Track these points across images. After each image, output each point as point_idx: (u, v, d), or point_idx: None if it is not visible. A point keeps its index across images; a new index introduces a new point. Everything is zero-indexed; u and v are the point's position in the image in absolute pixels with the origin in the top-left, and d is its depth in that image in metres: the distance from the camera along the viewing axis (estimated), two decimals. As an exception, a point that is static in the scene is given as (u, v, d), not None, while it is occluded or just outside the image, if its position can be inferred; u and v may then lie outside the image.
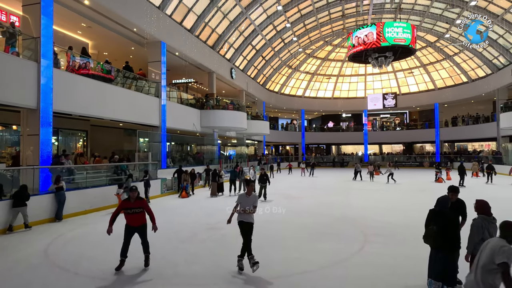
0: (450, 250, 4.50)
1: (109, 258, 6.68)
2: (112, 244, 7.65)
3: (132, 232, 6.17)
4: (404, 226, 9.16)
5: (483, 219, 4.37)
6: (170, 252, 7.18)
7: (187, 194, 15.73)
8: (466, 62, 34.55)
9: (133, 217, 6.10)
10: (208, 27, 23.47)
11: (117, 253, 6.26)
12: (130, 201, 6.14)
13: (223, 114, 24.04)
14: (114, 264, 6.17)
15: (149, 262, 6.27)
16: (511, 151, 27.95)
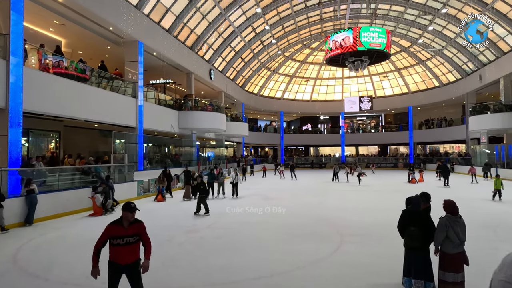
0: (427, 248, 4.73)
1: (82, 263, 6.48)
2: (85, 248, 7.43)
3: (120, 272, 4.08)
4: (379, 225, 9.40)
5: (449, 218, 4.59)
6: (147, 255, 7.04)
7: (163, 197, 15.23)
8: (438, 67, 35.93)
9: (124, 250, 4.03)
10: (186, 28, 23.26)
11: (90, 258, 6.07)
12: (123, 226, 4.02)
13: (202, 115, 23.86)
14: (87, 269, 5.99)
15: None
16: (479, 153, 29.25)
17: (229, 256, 6.92)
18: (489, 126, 26.53)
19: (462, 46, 29.79)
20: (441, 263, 4.65)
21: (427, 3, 26.70)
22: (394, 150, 47.25)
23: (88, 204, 11.96)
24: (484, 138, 29.15)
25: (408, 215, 4.88)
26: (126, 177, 15.45)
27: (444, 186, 19.80)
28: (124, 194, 14.35)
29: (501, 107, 25.65)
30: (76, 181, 12.91)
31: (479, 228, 9.01)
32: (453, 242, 4.54)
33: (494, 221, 9.92)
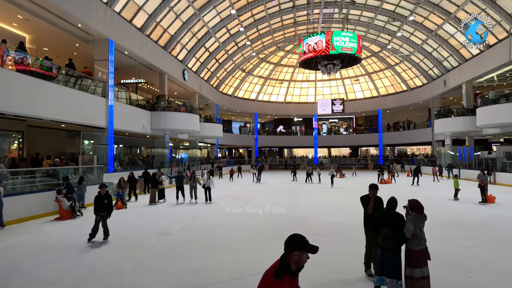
0: (399, 249, 4.91)
1: (45, 270, 6.20)
2: (49, 255, 7.14)
3: None
4: (350, 225, 9.63)
5: (415, 216, 4.84)
6: (116, 259, 6.85)
7: (123, 204, 13.51)
8: (406, 72, 37.40)
9: None
10: (159, 27, 22.85)
11: (55, 264, 5.84)
12: None
13: (175, 116, 23.50)
14: (52, 276, 5.75)
15: None
16: (443, 154, 30.68)
17: (202, 258, 6.86)
18: (453, 129, 27.89)
19: (428, 52, 31.26)
20: (408, 260, 4.86)
21: (395, 10, 27.74)
22: (364, 152, 48.64)
23: (54, 208, 11.46)
24: (448, 140, 30.62)
25: (384, 216, 5.04)
26: (94, 179, 14.94)
27: (412, 185, 20.68)
28: (93, 196, 13.83)
29: (463, 111, 27.02)
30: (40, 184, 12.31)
31: (443, 226, 9.46)
32: (418, 240, 4.77)
33: (455, 220, 10.43)
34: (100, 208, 8.22)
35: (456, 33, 26.28)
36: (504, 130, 23.77)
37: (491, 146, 32.50)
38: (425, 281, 4.77)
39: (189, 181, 15.11)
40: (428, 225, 5.37)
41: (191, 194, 14.84)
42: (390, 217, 4.95)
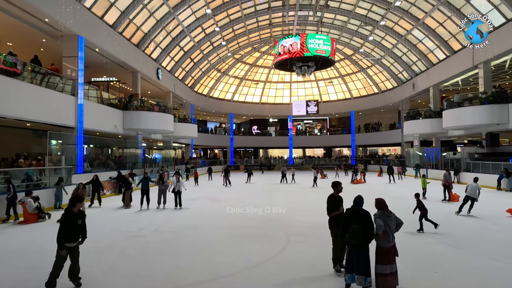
0: (367, 245, 5.07)
1: (8, 276, 5.90)
2: (13, 260, 6.82)
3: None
4: (323, 225, 9.75)
5: (382, 213, 5.09)
6: (86, 264, 6.60)
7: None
8: (377, 75, 38.58)
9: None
10: (132, 24, 22.32)
11: (19, 270, 5.56)
12: None
13: (148, 116, 23.02)
14: (14, 284, 5.47)
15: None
16: (412, 155, 31.89)
17: (175, 260, 6.76)
18: (421, 130, 29.05)
19: (398, 57, 32.40)
20: (378, 257, 5.05)
21: (367, 15, 28.55)
22: (338, 152, 49.69)
23: (18, 211, 10.91)
24: (416, 141, 31.87)
25: (353, 214, 5.19)
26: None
27: (389, 183, 22.61)
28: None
29: (430, 114, 28.21)
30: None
31: (410, 224, 9.82)
32: (388, 237, 4.97)
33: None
34: (70, 234, 5.37)
35: (424, 39, 27.42)
36: (468, 132, 25.03)
37: (456, 147, 34.15)
38: (393, 277, 4.97)
39: (158, 183, 13.56)
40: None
41: (159, 198, 13.35)
42: (358, 214, 5.13)
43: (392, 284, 4.97)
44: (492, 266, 6.30)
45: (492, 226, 9.64)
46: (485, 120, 20.79)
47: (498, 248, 7.38)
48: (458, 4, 21.86)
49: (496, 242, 7.89)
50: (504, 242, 7.89)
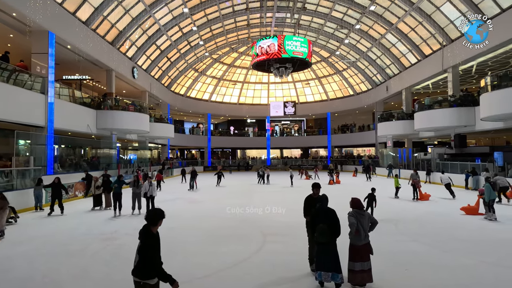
0: (334, 243, 5.20)
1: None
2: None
3: None
4: (300, 225, 9.87)
5: (356, 212, 5.24)
6: (54, 268, 6.38)
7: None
8: (352, 78, 39.46)
9: None
10: (107, 21, 21.73)
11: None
12: None
13: (123, 116, 22.47)
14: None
15: None
16: (385, 156, 32.83)
17: (150, 263, 6.62)
18: (394, 132, 29.96)
19: (372, 60, 33.27)
20: (350, 254, 5.22)
21: (343, 18, 29.15)
22: (314, 153, 50.42)
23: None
24: (389, 142, 32.83)
25: (318, 212, 5.30)
26: (30, 184, 13.78)
27: (367, 181, 23.93)
28: (28, 201, 12.79)
29: (403, 115, 29.15)
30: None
31: (384, 222, 10.11)
32: (360, 235, 5.12)
33: (395, 216, 11.21)
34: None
35: (397, 43, 28.30)
36: (438, 133, 26.05)
37: (427, 148, 35.45)
38: (365, 275, 5.10)
39: (132, 187, 12.41)
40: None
41: (134, 203, 12.25)
42: (325, 213, 5.26)
43: (363, 281, 5.12)
44: (458, 262, 6.59)
45: (460, 224, 10.07)
46: (454, 122, 21.71)
47: (464, 245, 7.72)
48: (429, 11, 22.73)
49: (462, 240, 8.25)
50: (470, 239, 8.27)
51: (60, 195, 12.34)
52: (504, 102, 16.14)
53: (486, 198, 10.60)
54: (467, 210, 11.49)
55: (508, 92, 15.96)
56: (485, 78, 18.14)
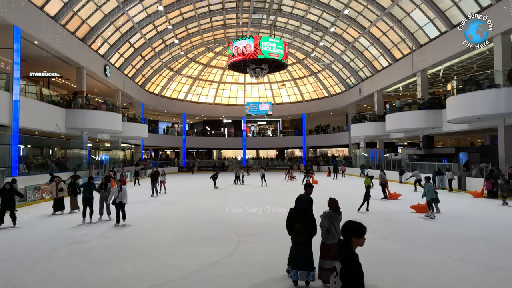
0: (311, 242, 5.31)
1: None
2: None
3: None
4: (276, 225, 9.95)
5: (330, 213, 5.33)
6: (18, 274, 6.08)
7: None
8: (327, 80, 40.22)
9: None
10: (77, 17, 21.00)
11: None
12: None
13: (95, 115, 21.79)
14: None
15: None
16: (358, 156, 33.68)
17: (122, 266, 6.47)
18: (366, 133, 30.79)
19: (346, 62, 34.05)
20: (321, 252, 5.36)
21: (318, 21, 29.67)
22: (290, 153, 50.94)
23: None
24: (362, 143, 33.72)
25: (296, 213, 5.37)
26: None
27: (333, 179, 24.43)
28: None
29: (375, 117, 30.01)
30: None
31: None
32: (333, 235, 5.25)
33: (367, 215, 11.53)
34: None
35: (369, 46, 29.12)
36: (408, 135, 27.02)
37: (397, 149, 36.67)
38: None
39: (100, 190, 11.01)
40: (342, 220, 5.86)
41: (102, 208, 11.03)
42: (301, 213, 5.36)
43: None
44: (426, 258, 6.86)
45: (427, 222, 10.49)
46: (422, 124, 22.59)
47: (431, 242, 8.05)
48: (399, 16, 23.55)
49: (430, 237, 8.60)
50: (436, 236, 8.63)
51: (13, 203, 10.39)
52: (468, 105, 16.98)
53: (427, 198, 11.06)
54: (417, 209, 12.01)
55: (471, 96, 16.81)
56: (451, 82, 18.99)
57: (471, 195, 16.25)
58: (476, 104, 16.47)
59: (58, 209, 12.28)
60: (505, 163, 16.58)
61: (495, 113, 15.92)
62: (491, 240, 8.14)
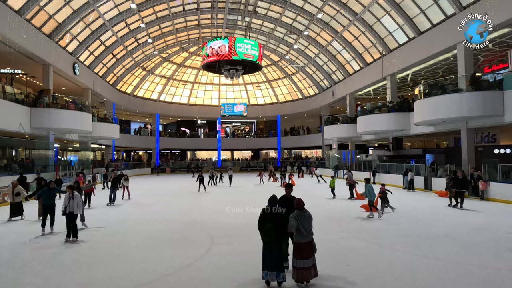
0: (281, 243, 5.39)
1: None
2: None
3: None
4: (248, 226, 9.95)
5: (298, 213, 5.43)
6: (-24, 283, 5.74)
7: None
8: (301, 82, 40.80)
9: None
10: (44, 12, 20.12)
11: None
12: None
13: (62, 114, 20.93)
14: None
15: None
16: (331, 157, 34.36)
17: (90, 271, 6.25)
18: (338, 134, 31.46)
19: (320, 65, 34.70)
20: (294, 252, 5.44)
21: (293, 24, 30.06)
22: (265, 154, 51.19)
23: None
24: (335, 144, 34.43)
25: (267, 213, 5.44)
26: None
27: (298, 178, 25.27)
28: None
29: (347, 119, 30.73)
30: None
31: (327, 220, 10.60)
32: (302, 234, 5.33)
33: (338, 214, 11.79)
34: None
35: (342, 50, 29.82)
36: (378, 137, 27.86)
37: (368, 150, 37.74)
38: (305, 272, 5.33)
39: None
40: (316, 220, 5.98)
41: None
42: (271, 214, 5.43)
43: (303, 278, 5.34)
44: (393, 255, 7.11)
45: (395, 220, 10.85)
46: (391, 126, 23.37)
47: (398, 240, 8.34)
48: (370, 22, 24.29)
49: (396, 235, 8.90)
50: (403, 235, 8.95)
51: None
52: (434, 109, 17.75)
53: (368, 198, 11.34)
54: (367, 208, 12.43)
55: (437, 100, 17.59)
56: (419, 87, 19.79)
57: (437, 194, 16.98)
58: (441, 108, 17.25)
59: (15, 215, 11.34)
60: (468, 164, 17.48)
61: (459, 116, 16.73)
62: (454, 237, 8.55)
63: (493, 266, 6.41)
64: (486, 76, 19.16)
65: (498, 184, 14.84)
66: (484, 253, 7.24)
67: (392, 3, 21.10)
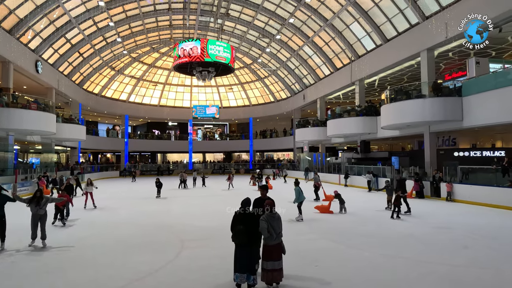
0: (253, 245, 5.38)
1: None
2: None
3: None
4: (220, 229, 9.89)
5: (268, 215, 5.46)
6: None
7: None
8: (273, 85, 41.21)
9: None
10: (3, 7, 19.07)
11: None
12: None
13: (23, 114, 19.86)
14: None
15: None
16: (302, 160, 34.90)
17: (52, 280, 5.97)
18: (309, 137, 32.02)
19: (291, 69, 35.23)
20: (263, 254, 5.45)
21: (265, 28, 30.34)
22: (237, 157, 51.12)
23: None
24: (306, 147, 35.00)
25: (239, 215, 5.45)
26: None
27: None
28: None
29: (317, 122, 31.35)
30: None
31: (296, 223, 10.75)
32: (272, 236, 5.36)
33: (307, 216, 11.96)
34: None
35: (313, 55, 30.44)
36: (347, 140, 28.65)
37: (338, 153, 38.68)
38: (275, 273, 5.38)
39: (29, 204, 8.21)
40: (285, 223, 6.05)
41: (35, 229, 8.24)
42: (243, 216, 5.45)
43: (273, 279, 5.37)
44: (361, 255, 7.32)
45: (362, 221, 11.19)
46: (360, 129, 24.10)
47: (366, 240, 8.61)
48: (340, 28, 25.01)
49: (364, 235, 9.18)
50: (370, 235, 9.25)
51: None
52: (399, 113, 18.52)
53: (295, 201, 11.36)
54: (320, 209, 12.83)
55: (401, 105, 18.37)
56: (385, 92, 20.58)
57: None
58: (406, 112, 18.02)
59: None
60: (430, 166, 18.35)
61: (422, 120, 17.56)
62: (419, 237, 8.93)
63: (451, 263, 6.77)
64: (447, 83, 20.23)
65: (457, 185, 15.68)
66: (444, 251, 7.63)
67: (361, 10, 21.84)
